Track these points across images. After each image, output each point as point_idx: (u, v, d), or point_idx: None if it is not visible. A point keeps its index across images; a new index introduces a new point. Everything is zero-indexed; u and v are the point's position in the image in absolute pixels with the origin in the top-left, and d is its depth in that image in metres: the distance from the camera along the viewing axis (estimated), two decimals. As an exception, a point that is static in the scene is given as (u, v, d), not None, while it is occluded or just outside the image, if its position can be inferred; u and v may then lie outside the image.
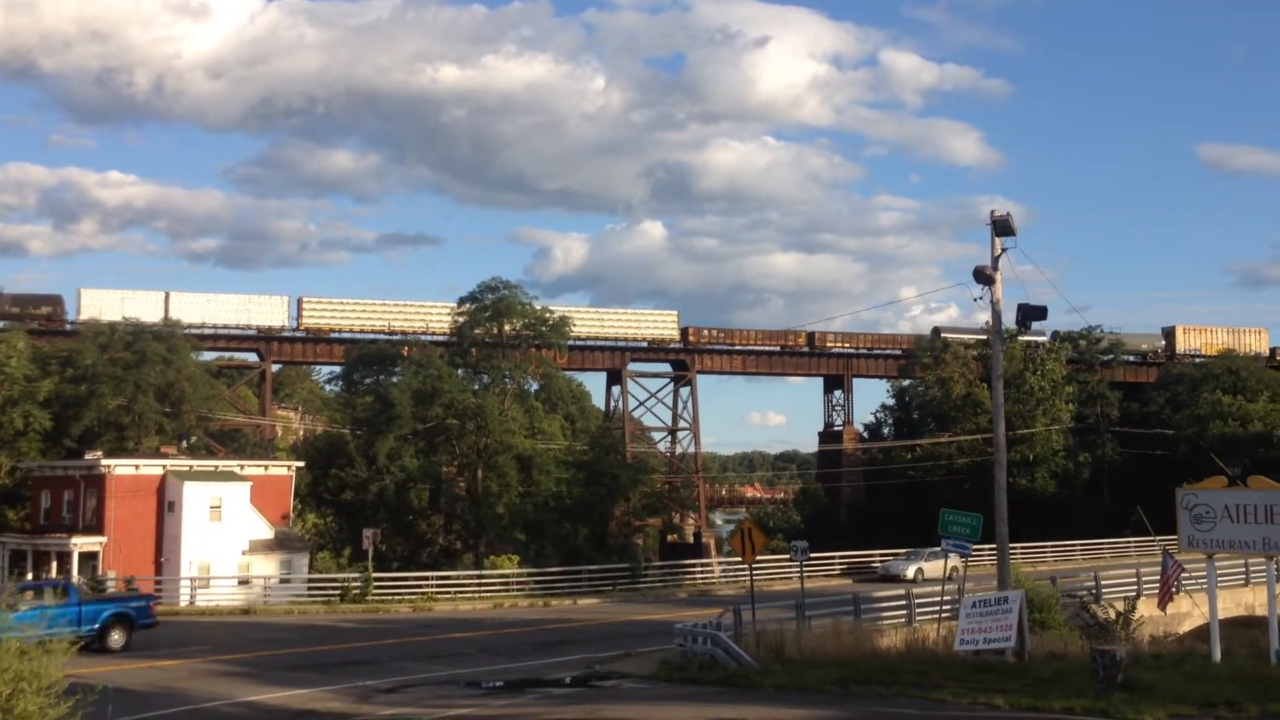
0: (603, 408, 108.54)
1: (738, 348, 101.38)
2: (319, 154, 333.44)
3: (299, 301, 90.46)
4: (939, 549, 41.08)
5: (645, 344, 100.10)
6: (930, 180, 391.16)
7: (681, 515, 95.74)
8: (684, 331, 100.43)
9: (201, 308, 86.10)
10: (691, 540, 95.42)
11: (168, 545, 57.56)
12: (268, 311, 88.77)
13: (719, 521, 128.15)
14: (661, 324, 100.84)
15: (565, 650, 35.42)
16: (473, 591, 56.71)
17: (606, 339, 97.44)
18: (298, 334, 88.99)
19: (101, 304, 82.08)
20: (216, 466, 62.19)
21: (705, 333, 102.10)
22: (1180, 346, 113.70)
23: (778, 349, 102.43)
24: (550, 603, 54.44)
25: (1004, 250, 31.96)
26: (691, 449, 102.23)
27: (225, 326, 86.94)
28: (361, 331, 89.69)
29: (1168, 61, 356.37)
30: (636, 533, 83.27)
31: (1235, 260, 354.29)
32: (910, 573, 59.96)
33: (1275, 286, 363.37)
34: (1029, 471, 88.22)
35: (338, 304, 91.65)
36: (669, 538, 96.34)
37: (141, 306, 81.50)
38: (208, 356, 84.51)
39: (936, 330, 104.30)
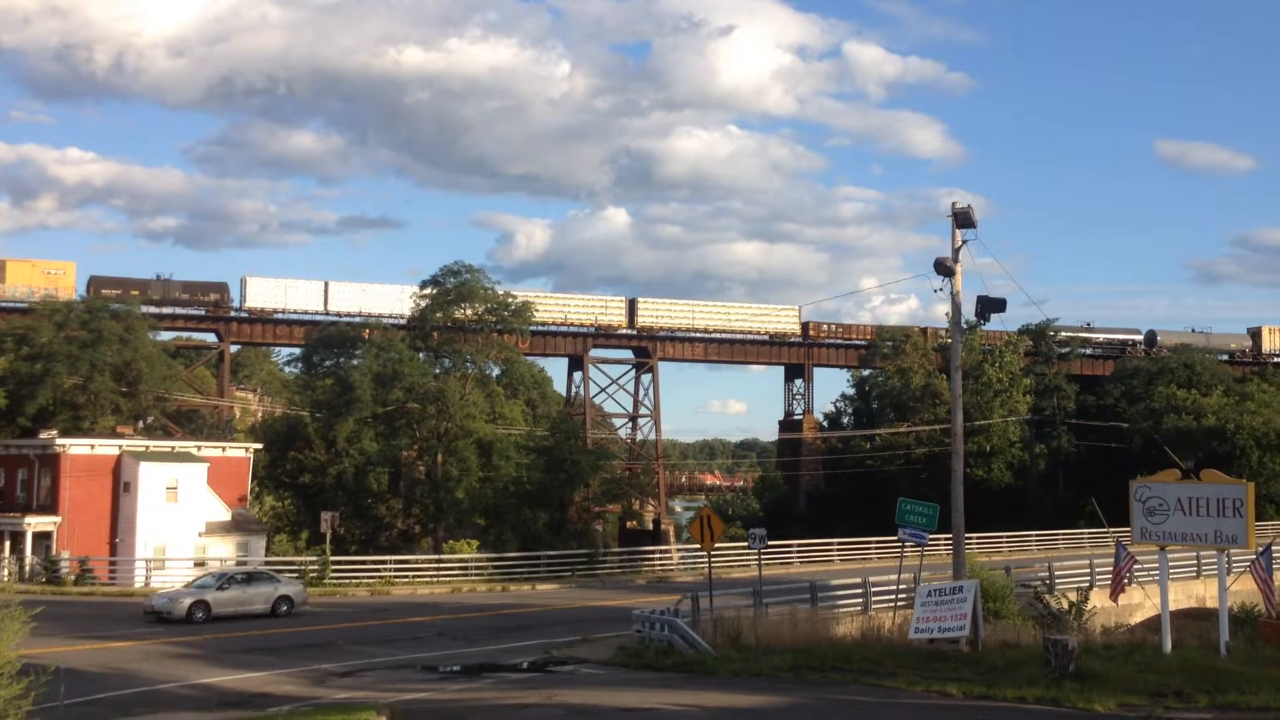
0: (564, 393, 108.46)
1: (698, 335, 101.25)
2: (281, 134, 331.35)
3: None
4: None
5: (766, 338, 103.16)
6: (892, 172, 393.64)
7: (641, 502, 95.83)
8: (804, 326, 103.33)
9: (358, 298, 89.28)
10: (651, 527, 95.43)
11: (123, 526, 57.08)
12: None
13: (678, 509, 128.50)
14: (782, 318, 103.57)
15: (523, 635, 35.43)
16: (431, 576, 56.59)
17: (697, 330, 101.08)
18: (253, 315, 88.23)
19: (265, 292, 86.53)
20: (173, 447, 61.69)
21: (825, 328, 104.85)
22: (1266, 347, 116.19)
23: (741, 337, 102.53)
24: (509, 588, 54.41)
25: (964, 242, 32.12)
26: (652, 436, 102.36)
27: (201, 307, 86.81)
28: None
29: (1127, 59, 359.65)
30: (596, 519, 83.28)
31: (1192, 256, 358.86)
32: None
33: (1231, 283, 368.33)
34: (986, 462, 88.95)
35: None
36: (628, 524, 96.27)
37: (303, 295, 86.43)
38: (165, 336, 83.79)
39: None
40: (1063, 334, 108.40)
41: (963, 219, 31.89)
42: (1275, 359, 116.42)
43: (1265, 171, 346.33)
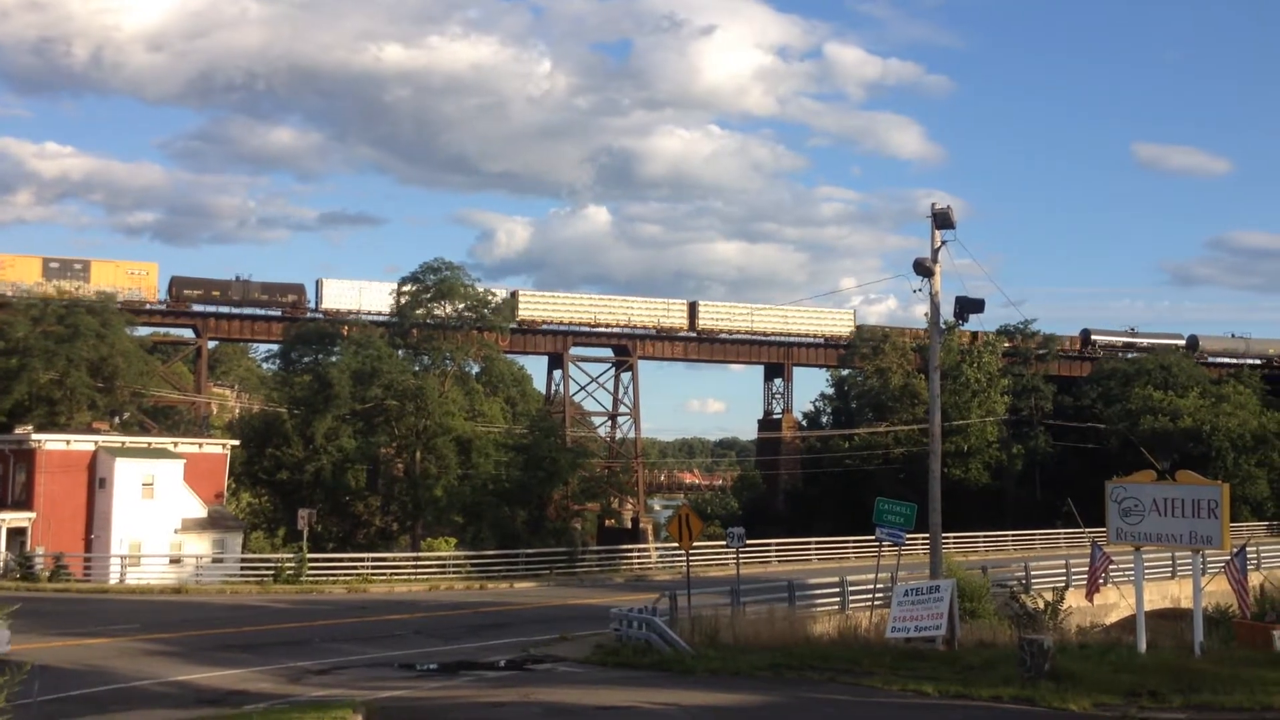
0: (544, 391, 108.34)
1: (679, 335, 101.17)
2: (260, 130, 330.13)
3: (514, 294, 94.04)
4: None
5: (821, 340, 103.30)
6: (871, 173, 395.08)
7: (620, 500, 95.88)
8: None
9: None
10: (629, 525, 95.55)
11: (98, 522, 56.77)
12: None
13: (657, 507, 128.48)
14: (836, 321, 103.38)
15: (501, 633, 35.38)
16: (409, 573, 56.46)
17: (759, 334, 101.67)
18: (235, 311, 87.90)
19: (340, 293, 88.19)
20: (149, 443, 61.37)
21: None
22: None
23: (721, 336, 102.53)
24: (487, 585, 54.32)
25: (943, 243, 32.24)
26: (631, 434, 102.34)
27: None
28: (571, 325, 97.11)
29: (1105, 62, 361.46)
30: (575, 517, 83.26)
31: (1167, 258, 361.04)
32: None
33: (1206, 285, 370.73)
34: (963, 462, 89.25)
35: (549, 297, 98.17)
36: (607, 522, 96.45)
37: (376, 296, 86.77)
38: (143, 332, 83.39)
39: None
40: (1110, 338, 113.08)
41: (942, 220, 32.00)
42: None
43: (1241, 174, 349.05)
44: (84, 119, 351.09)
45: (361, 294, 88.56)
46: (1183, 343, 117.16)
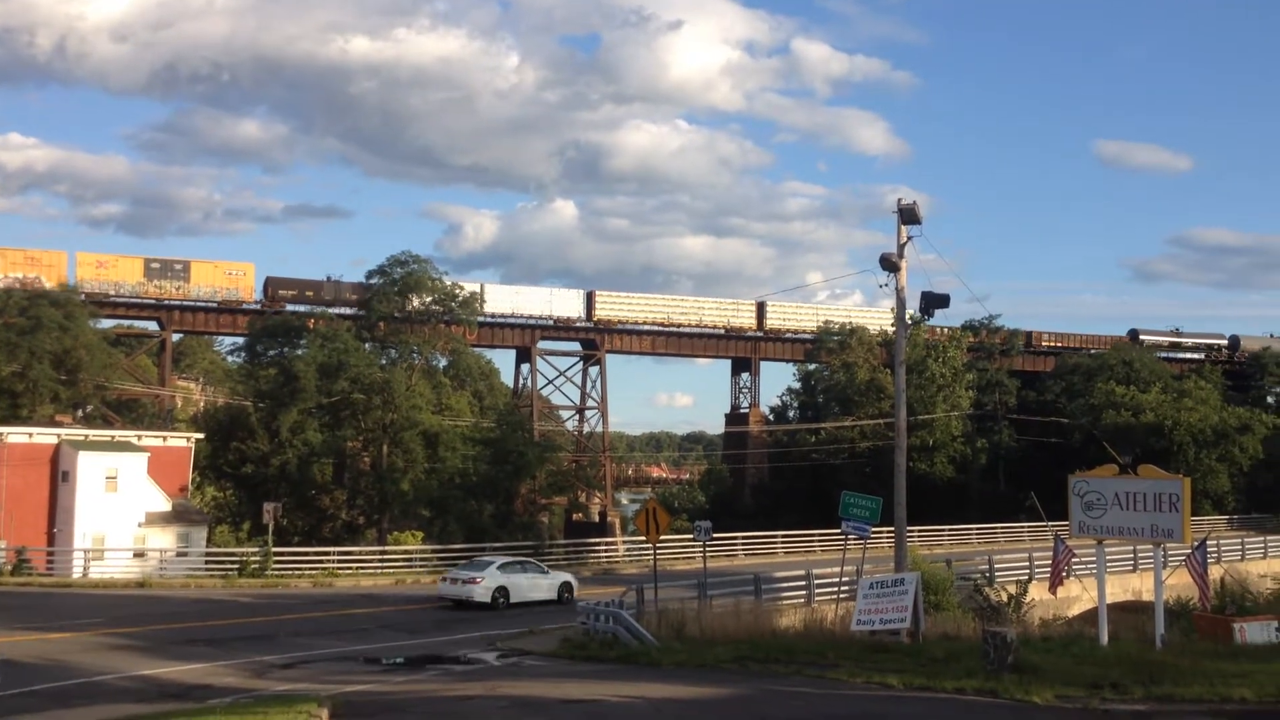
0: (512, 385, 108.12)
1: (645, 328, 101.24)
2: (226, 122, 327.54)
3: (590, 295, 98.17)
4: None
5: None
6: (838, 168, 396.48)
7: (587, 494, 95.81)
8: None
9: (510, 299, 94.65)
10: (597, 519, 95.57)
11: (61, 516, 56.24)
12: (567, 303, 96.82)
13: (625, 501, 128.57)
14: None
15: (467, 627, 35.35)
16: (375, 567, 56.25)
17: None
18: (199, 303, 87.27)
19: None
20: (113, 436, 60.85)
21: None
22: None
23: (689, 330, 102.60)
24: (453, 579, 54.15)
25: (910, 238, 32.38)
26: (599, 428, 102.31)
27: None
28: (647, 324, 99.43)
29: (1069, 60, 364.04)
30: (542, 511, 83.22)
31: (1130, 255, 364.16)
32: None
33: (1168, 281, 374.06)
34: (928, 456, 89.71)
35: (624, 298, 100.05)
36: (574, 516, 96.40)
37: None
38: (107, 324, 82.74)
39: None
40: (1156, 338, 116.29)
41: (908, 215, 32.15)
42: None
43: (1203, 172, 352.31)
44: (48, 110, 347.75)
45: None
46: (1225, 343, 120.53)
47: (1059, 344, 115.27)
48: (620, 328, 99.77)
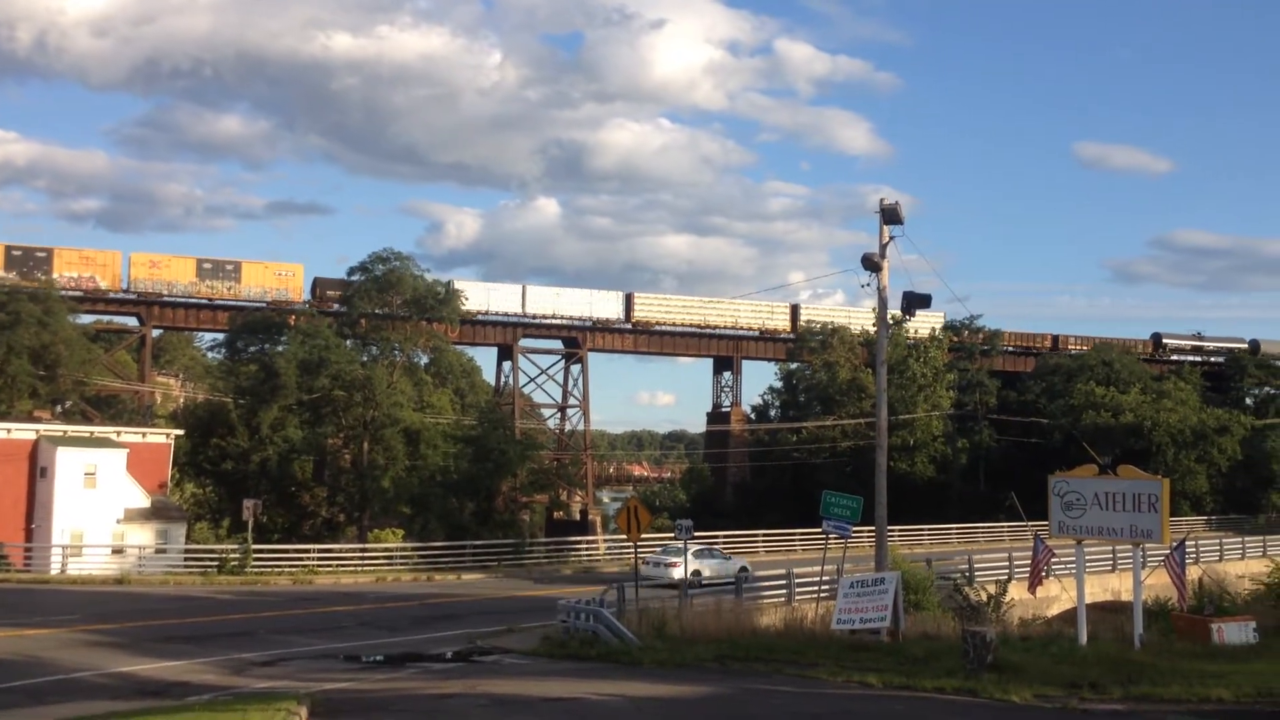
0: (493, 383, 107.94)
1: (628, 327, 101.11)
2: (207, 118, 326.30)
3: (629, 297, 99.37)
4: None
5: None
6: (820, 168, 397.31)
7: (569, 492, 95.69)
8: None
9: (552, 300, 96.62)
10: (578, 517, 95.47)
11: (39, 512, 55.94)
12: (607, 305, 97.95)
13: (606, 499, 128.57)
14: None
15: (448, 625, 35.27)
16: (355, 565, 56.10)
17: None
18: (179, 299, 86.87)
19: (471, 295, 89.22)
20: (92, 432, 60.54)
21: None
22: None
23: (670, 329, 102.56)
24: (434, 577, 54.07)
25: (892, 238, 32.42)
26: (581, 426, 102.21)
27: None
28: (683, 325, 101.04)
29: (1050, 62, 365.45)
30: (523, 509, 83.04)
31: (1110, 256, 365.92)
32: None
33: (1149, 282, 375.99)
34: (909, 456, 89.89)
35: (662, 299, 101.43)
36: (555, 514, 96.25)
37: (503, 297, 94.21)
38: (86, 319, 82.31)
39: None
40: (1179, 341, 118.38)
41: (890, 215, 32.20)
42: None
43: (1183, 174, 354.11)
44: (28, 104, 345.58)
45: (489, 295, 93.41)
46: (1245, 347, 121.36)
47: (1035, 345, 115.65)
48: (612, 327, 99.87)
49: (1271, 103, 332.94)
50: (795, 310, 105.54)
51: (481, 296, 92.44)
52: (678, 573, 43.05)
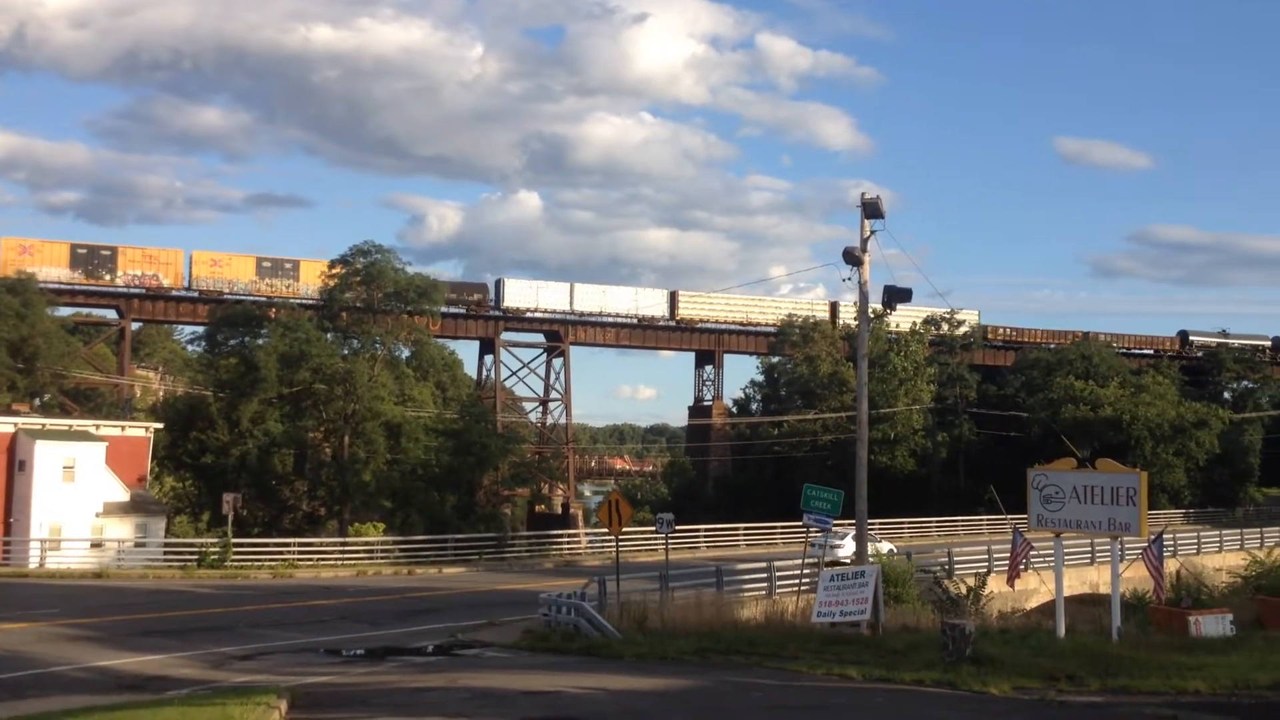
0: (475, 376, 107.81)
1: (609, 320, 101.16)
2: (187, 110, 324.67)
3: (673, 295, 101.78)
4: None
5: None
6: (801, 163, 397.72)
7: (550, 486, 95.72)
8: None
9: (598, 298, 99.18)
10: (559, 511, 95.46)
11: (17, 505, 55.64)
12: (652, 303, 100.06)
13: (587, 493, 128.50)
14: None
15: (428, 619, 35.26)
16: (336, 558, 56.04)
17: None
18: (159, 292, 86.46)
19: (520, 293, 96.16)
20: (71, 426, 60.23)
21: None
22: None
23: (652, 323, 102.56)
24: (415, 571, 54.06)
25: (873, 232, 32.49)
26: (563, 420, 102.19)
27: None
28: (727, 324, 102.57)
29: (1030, 57, 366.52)
30: (504, 502, 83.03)
31: (1089, 251, 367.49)
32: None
33: (1126, 277, 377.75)
34: (890, 449, 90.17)
35: (707, 298, 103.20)
36: (537, 508, 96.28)
37: (552, 295, 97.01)
38: (64, 312, 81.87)
39: None
40: (1205, 339, 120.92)
41: (871, 209, 32.27)
42: None
43: (1162, 170, 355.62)
44: (7, 96, 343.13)
45: (539, 293, 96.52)
46: (1269, 344, 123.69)
47: (1018, 339, 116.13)
48: (586, 320, 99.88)
49: (1249, 99, 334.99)
50: (834, 307, 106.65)
51: (530, 294, 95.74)
52: (842, 551, 48.38)
